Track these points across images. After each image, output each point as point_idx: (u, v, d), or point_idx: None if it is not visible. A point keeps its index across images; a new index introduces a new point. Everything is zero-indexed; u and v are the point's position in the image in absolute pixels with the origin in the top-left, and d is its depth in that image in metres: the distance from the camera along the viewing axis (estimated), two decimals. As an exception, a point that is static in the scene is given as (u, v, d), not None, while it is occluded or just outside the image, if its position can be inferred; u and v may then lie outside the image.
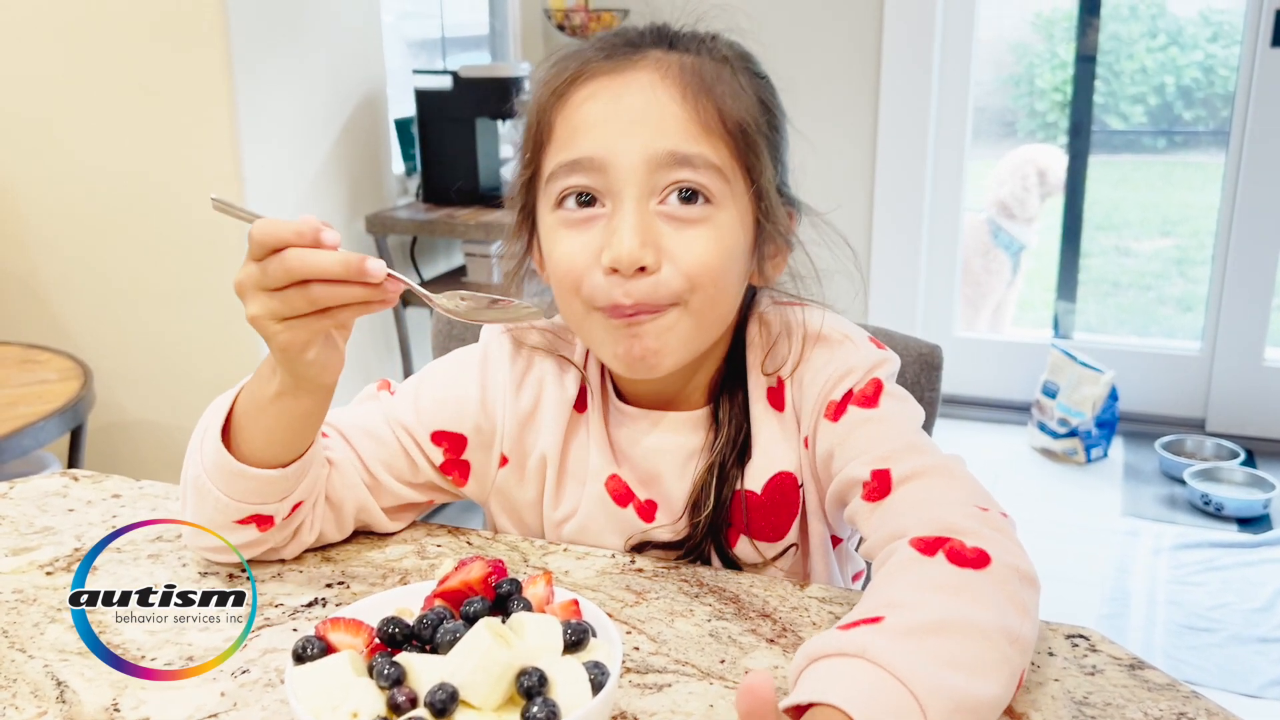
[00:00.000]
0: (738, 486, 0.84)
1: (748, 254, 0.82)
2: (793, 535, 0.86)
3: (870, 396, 0.81)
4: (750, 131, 0.79)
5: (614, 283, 0.77)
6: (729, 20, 0.83)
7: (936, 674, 0.57)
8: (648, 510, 0.87)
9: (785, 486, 0.85)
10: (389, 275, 0.68)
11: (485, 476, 0.90)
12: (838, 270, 0.87)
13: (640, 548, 0.87)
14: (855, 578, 0.95)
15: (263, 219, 0.67)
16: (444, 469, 0.89)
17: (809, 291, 0.87)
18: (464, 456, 0.89)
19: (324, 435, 0.87)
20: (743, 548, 0.86)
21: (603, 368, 0.89)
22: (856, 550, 0.94)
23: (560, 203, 0.79)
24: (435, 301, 0.72)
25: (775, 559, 0.86)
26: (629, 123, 0.77)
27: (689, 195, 0.77)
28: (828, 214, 0.87)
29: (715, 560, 0.86)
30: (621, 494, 0.87)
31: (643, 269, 0.76)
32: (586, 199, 0.78)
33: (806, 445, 0.84)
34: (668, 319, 0.78)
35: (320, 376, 0.74)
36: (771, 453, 0.85)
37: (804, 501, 0.86)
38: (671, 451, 0.86)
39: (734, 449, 0.84)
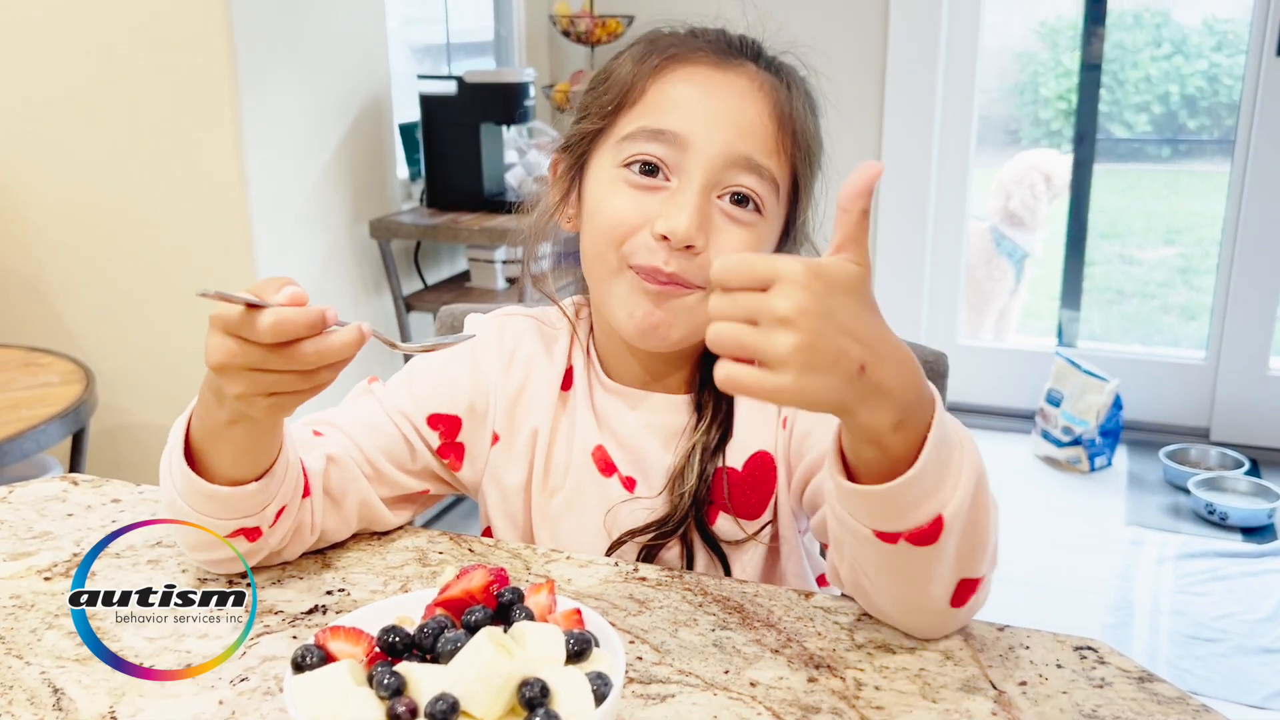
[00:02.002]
0: (719, 464, 0.88)
1: None
2: (769, 513, 0.90)
3: None
4: (811, 164, 0.87)
5: (660, 249, 0.81)
6: (800, 55, 0.89)
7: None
8: (629, 485, 0.91)
9: (764, 464, 0.89)
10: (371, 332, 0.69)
11: (478, 458, 0.94)
12: None
13: (630, 535, 0.89)
14: (820, 581, 0.95)
15: (271, 309, 0.63)
16: (440, 453, 0.93)
17: None
18: (459, 439, 0.93)
19: (318, 434, 0.88)
20: (722, 524, 0.89)
21: (589, 348, 0.94)
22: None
23: (628, 164, 0.83)
24: (398, 343, 0.74)
25: (755, 534, 0.90)
26: (720, 116, 0.82)
27: (742, 199, 0.83)
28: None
29: (696, 538, 0.89)
30: (606, 465, 0.91)
31: (690, 247, 0.81)
32: (650, 169, 0.83)
33: (785, 426, 0.89)
34: (691, 299, 0.83)
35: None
36: (752, 431, 0.89)
37: (779, 481, 0.90)
38: (655, 429, 0.91)
39: (718, 433, 0.89)
